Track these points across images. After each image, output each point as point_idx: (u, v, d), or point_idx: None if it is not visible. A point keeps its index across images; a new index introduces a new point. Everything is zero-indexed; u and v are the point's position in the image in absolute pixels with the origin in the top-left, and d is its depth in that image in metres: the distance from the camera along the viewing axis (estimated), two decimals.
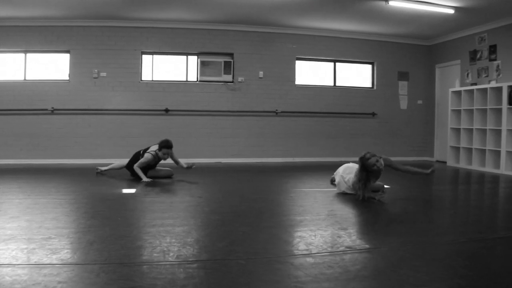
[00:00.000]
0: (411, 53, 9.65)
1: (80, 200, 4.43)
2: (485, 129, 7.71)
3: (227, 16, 8.00)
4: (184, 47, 8.55)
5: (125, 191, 5.05)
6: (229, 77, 8.64)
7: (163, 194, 5.00)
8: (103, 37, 8.22)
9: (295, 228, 3.38)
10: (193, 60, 8.69)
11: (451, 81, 9.10)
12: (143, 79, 8.49)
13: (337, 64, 9.38)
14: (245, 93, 8.77)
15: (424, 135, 9.81)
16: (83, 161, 8.04)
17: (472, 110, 8.03)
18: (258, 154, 8.84)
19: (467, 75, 8.57)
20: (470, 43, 8.47)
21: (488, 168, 7.55)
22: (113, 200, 4.49)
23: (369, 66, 9.58)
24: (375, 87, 9.51)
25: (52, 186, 5.42)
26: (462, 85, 8.64)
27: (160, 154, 5.93)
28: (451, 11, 7.15)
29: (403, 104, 9.66)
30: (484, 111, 7.78)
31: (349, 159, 7.83)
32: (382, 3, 6.95)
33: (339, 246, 2.84)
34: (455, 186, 6.37)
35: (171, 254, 2.61)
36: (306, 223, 3.50)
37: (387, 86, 9.54)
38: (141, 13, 7.75)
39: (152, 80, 8.54)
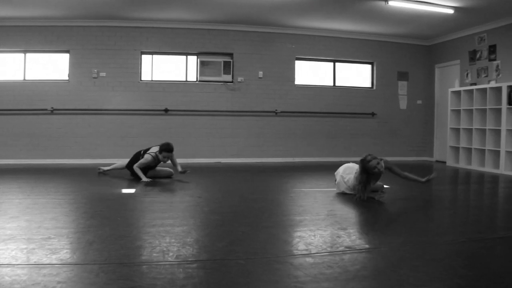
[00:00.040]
0: (410, 53, 9.66)
1: (80, 200, 4.43)
2: (485, 129, 7.72)
3: (226, 16, 8.00)
4: (183, 47, 8.55)
5: (124, 191, 5.05)
6: (228, 77, 8.64)
7: (163, 194, 5.00)
8: (103, 37, 8.22)
9: (295, 228, 3.38)
10: (193, 60, 8.69)
11: (450, 81, 9.10)
12: (142, 79, 8.49)
13: (337, 64, 9.38)
14: (245, 93, 8.77)
15: (423, 135, 9.82)
16: (82, 161, 8.03)
17: (472, 110, 8.04)
18: (257, 154, 8.84)
19: (467, 75, 8.57)
20: (469, 43, 8.48)
21: (488, 168, 7.55)
22: (112, 200, 4.49)
23: (368, 66, 9.58)
24: (374, 87, 9.51)
25: (52, 186, 5.42)
26: (461, 85, 8.64)
27: (160, 156, 5.92)
28: (451, 11, 7.16)
29: (403, 104, 9.66)
30: (484, 111, 7.79)
31: (348, 159, 7.83)
32: (382, 3, 6.95)
33: (338, 246, 2.84)
34: (454, 186, 6.37)
35: (171, 254, 2.61)
36: (306, 223, 3.50)
37: (387, 86, 9.54)
38: (140, 13, 7.75)
39: (152, 80, 8.54)
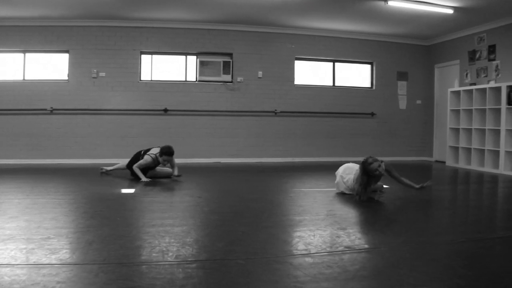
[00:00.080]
0: (410, 53, 9.66)
1: (79, 200, 4.42)
2: (484, 129, 7.72)
3: (226, 16, 8.00)
4: (183, 47, 8.55)
5: (124, 191, 5.05)
6: (228, 77, 8.64)
7: (162, 194, 5.00)
8: (102, 37, 8.22)
9: (294, 228, 3.38)
10: (192, 60, 8.68)
11: (450, 81, 9.10)
12: (142, 79, 8.48)
13: (336, 64, 9.38)
14: (244, 93, 8.77)
15: (423, 135, 9.82)
16: (82, 161, 8.03)
17: (471, 110, 8.04)
18: (257, 154, 8.84)
19: (466, 75, 8.58)
20: (469, 43, 8.48)
21: (487, 168, 7.55)
22: (112, 200, 4.49)
23: (368, 66, 9.59)
24: (374, 87, 9.51)
25: (51, 186, 5.42)
26: (461, 85, 8.64)
27: (160, 159, 5.91)
28: (450, 11, 7.16)
29: (402, 104, 9.66)
30: (483, 111, 7.79)
31: (348, 159, 7.82)
32: (381, 3, 6.96)
33: (338, 246, 2.84)
34: (454, 186, 6.37)
35: (170, 254, 2.61)
36: (305, 223, 3.50)
37: (386, 86, 9.55)
38: (140, 13, 7.75)
39: (151, 80, 8.54)
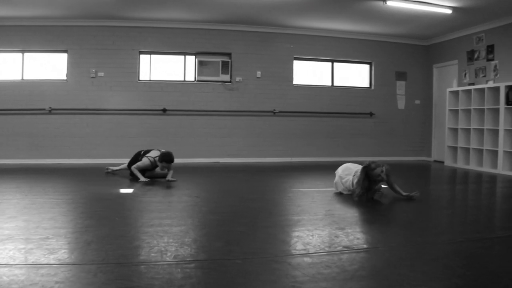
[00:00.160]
0: (408, 53, 9.66)
1: (78, 200, 4.42)
2: (483, 129, 7.73)
3: (225, 16, 8.00)
4: (182, 47, 8.54)
5: (122, 191, 5.05)
6: (227, 77, 8.63)
7: (161, 194, 5.00)
8: (101, 37, 8.20)
9: (293, 228, 3.38)
10: (191, 60, 8.68)
11: (448, 81, 9.11)
12: (140, 79, 8.47)
13: (335, 64, 9.38)
14: (243, 93, 8.77)
15: (421, 135, 9.83)
16: (80, 161, 8.02)
17: (470, 110, 8.05)
18: (256, 154, 8.83)
19: (465, 75, 8.59)
20: (467, 43, 8.49)
21: (486, 168, 7.56)
22: (110, 200, 4.49)
23: (367, 66, 9.59)
24: (373, 87, 9.52)
25: (50, 186, 5.42)
26: (459, 85, 8.65)
27: (159, 165, 5.87)
28: (449, 11, 7.16)
29: (401, 104, 9.67)
30: (482, 111, 7.80)
31: (347, 159, 7.83)
32: (380, 3, 6.96)
33: (336, 246, 2.84)
34: (452, 186, 6.38)
35: (169, 254, 2.61)
36: (304, 223, 3.50)
37: (385, 86, 9.55)
38: (139, 13, 7.74)
39: (150, 80, 8.53)
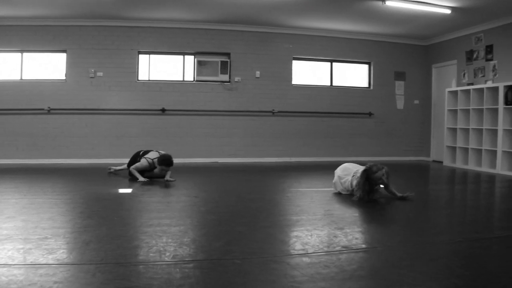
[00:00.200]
0: (407, 53, 9.67)
1: (76, 200, 4.41)
2: (481, 129, 7.74)
3: (224, 16, 7.99)
4: (181, 46, 8.54)
5: (121, 190, 5.04)
6: (225, 77, 8.63)
7: (160, 194, 4.99)
8: (100, 36, 8.19)
9: (292, 228, 3.38)
10: (190, 59, 8.67)
11: (447, 81, 9.12)
12: (139, 78, 8.47)
13: (334, 64, 9.38)
14: (242, 93, 8.76)
15: (420, 135, 9.83)
16: (79, 161, 8.01)
17: (469, 110, 8.05)
18: (255, 154, 8.83)
19: (464, 75, 8.59)
20: (466, 43, 8.50)
21: (484, 168, 7.57)
22: (109, 200, 4.48)
23: (365, 66, 9.59)
24: (371, 87, 9.52)
25: (48, 186, 5.41)
26: (458, 85, 8.66)
27: (158, 168, 5.84)
28: (448, 11, 7.17)
29: (400, 104, 9.67)
30: (481, 111, 7.81)
31: (345, 159, 7.84)
32: (379, 3, 6.96)
33: (335, 246, 2.84)
34: (451, 186, 6.38)
35: (168, 254, 2.61)
36: (303, 222, 3.50)
37: (384, 86, 9.56)
38: (138, 13, 7.73)
39: (149, 80, 8.52)
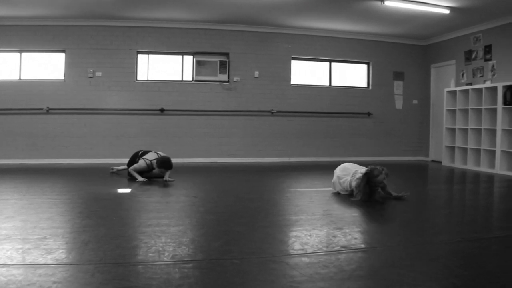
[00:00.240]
0: (406, 53, 9.68)
1: (75, 200, 4.41)
2: (480, 129, 7.75)
3: (223, 16, 7.99)
4: (179, 46, 8.53)
5: (120, 191, 5.04)
6: (224, 77, 8.63)
7: (159, 194, 4.99)
8: (99, 36, 8.19)
9: (291, 228, 3.38)
10: (189, 59, 8.67)
11: (446, 81, 9.13)
12: (138, 78, 8.46)
13: (333, 64, 9.39)
14: (241, 92, 8.76)
15: (419, 135, 9.85)
16: (78, 161, 8.01)
17: (467, 110, 8.06)
18: (253, 154, 8.83)
19: (462, 75, 8.61)
20: (465, 43, 8.51)
21: (483, 168, 7.58)
22: (108, 200, 4.48)
23: (364, 66, 9.60)
24: (370, 87, 9.53)
25: (47, 186, 5.40)
26: (457, 85, 8.67)
27: (157, 169, 5.84)
28: (446, 11, 7.18)
29: (399, 104, 9.68)
30: (479, 111, 7.82)
31: (344, 159, 7.85)
32: (378, 3, 6.96)
33: (334, 246, 2.84)
34: (450, 186, 6.38)
35: (166, 254, 2.61)
36: (302, 222, 3.50)
37: (383, 86, 9.56)
38: (137, 13, 7.72)
39: (148, 80, 8.52)
